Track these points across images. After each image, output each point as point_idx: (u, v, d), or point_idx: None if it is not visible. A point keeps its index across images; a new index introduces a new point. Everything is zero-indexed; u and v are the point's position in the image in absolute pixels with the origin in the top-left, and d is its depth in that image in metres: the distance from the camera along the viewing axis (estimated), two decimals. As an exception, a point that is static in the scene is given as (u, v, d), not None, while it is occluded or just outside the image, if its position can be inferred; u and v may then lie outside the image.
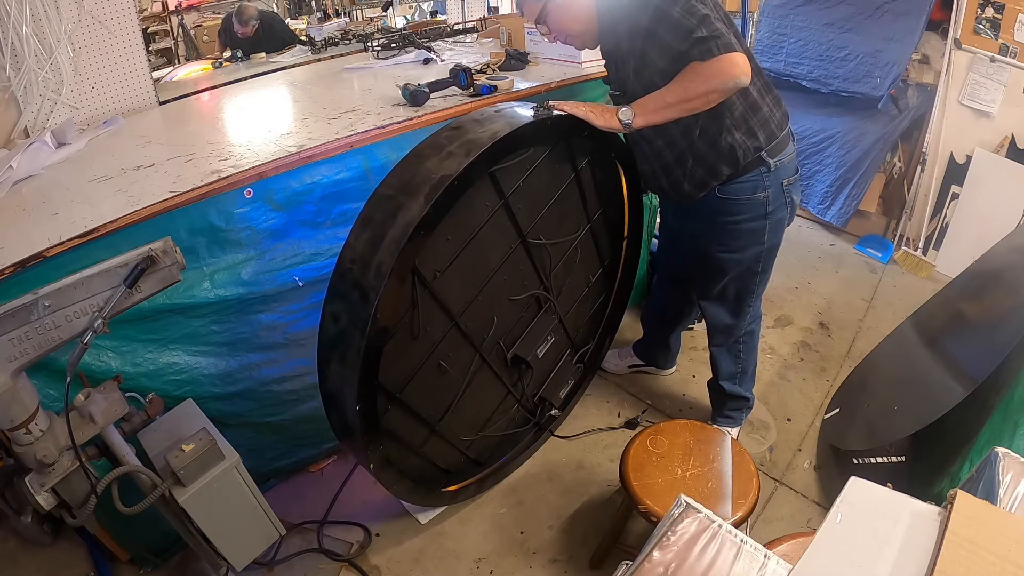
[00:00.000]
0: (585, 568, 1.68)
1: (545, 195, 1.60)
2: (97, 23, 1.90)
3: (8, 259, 1.21)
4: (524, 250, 1.60)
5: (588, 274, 1.94)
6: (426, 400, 1.53)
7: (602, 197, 1.83)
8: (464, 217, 1.37)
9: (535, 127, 1.40)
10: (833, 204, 3.20)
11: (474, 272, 1.48)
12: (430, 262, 1.33)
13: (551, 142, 1.55)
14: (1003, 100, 2.59)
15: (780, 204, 1.56)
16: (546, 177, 1.58)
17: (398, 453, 1.54)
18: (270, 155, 1.54)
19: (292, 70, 2.60)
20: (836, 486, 0.98)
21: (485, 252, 1.49)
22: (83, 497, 1.17)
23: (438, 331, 1.46)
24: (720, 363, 1.92)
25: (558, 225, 1.69)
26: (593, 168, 1.74)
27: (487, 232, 1.45)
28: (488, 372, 1.69)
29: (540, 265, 1.66)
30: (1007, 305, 1.78)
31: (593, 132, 1.49)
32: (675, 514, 0.93)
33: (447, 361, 1.52)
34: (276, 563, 1.69)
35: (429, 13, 3.93)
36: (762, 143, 1.48)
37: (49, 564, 1.69)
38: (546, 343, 1.77)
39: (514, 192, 1.47)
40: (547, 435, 2.05)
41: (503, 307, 1.62)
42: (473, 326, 1.54)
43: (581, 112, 1.48)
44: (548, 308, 1.76)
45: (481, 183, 1.36)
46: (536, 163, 1.52)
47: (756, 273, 1.69)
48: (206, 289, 1.49)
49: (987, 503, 0.77)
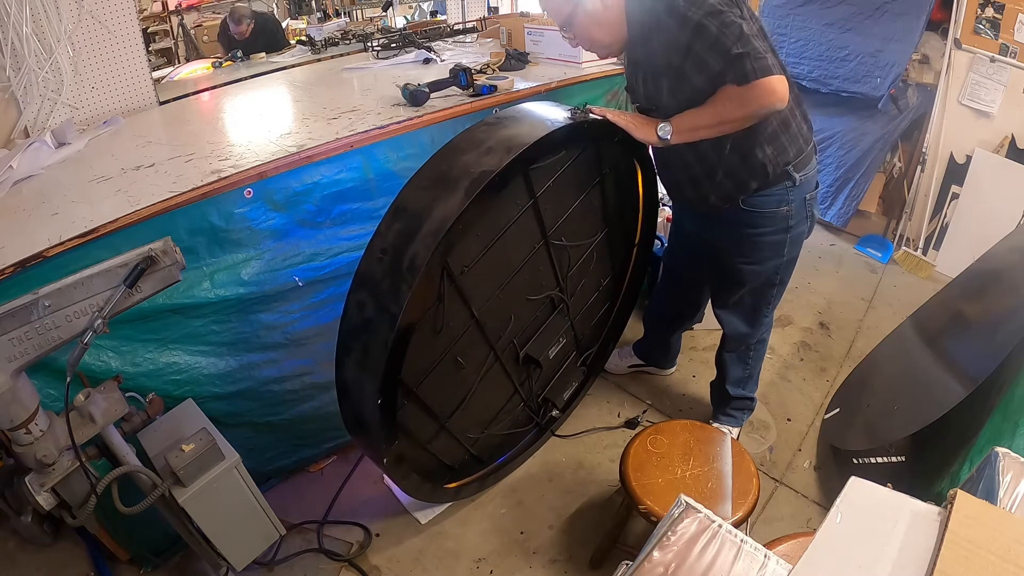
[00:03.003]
0: (585, 568, 1.68)
1: (571, 197, 1.61)
2: (97, 23, 1.90)
3: (8, 259, 1.21)
4: (546, 251, 1.60)
5: (600, 278, 1.94)
6: (440, 396, 1.53)
7: (621, 203, 1.84)
8: (495, 214, 1.36)
9: (572, 129, 1.39)
10: (833, 204, 3.21)
11: (498, 270, 1.48)
12: (459, 257, 1.31)
13: (582, 145, 1.55)
14: (1003, 100, 2.58)
15: (802, 218, 1.56)
16: (573, 180, 1.58)
17: (409, 449, 1.54)
18: (270, 155, 1.54)
19: (292, 70, 2.60)
20: (836, 486, 0.98)
21: (510, 250, 1.48)
22: (83, 497, 1.17)
23: (459, 327, 1.45)
24: (729, 369, 1.92)
25: (579, 228, 1.69)
26: (616, 174, 1.74)
27: (514, 230, 1.45)
28: (499, 370, 1.69)
29: (559, 266, 1.67)
30: (1007, 305, 1.78)
31: (623, 139, 1.47)
32: (675, 514, 0.93)
33: (464, 357, 1.51)
34: (276, 563, 1.69)
35: (429, 13, 3.93)
36: (791, 158, 1.48)
37: (49, 564, 1.69)
38: (558, 344, 1.77)
39: (544, 192, 1.47)
40: (548, 435, 2.05)
41: (521, 306, 1.63)
42: (491, 324, 1.54)
43: (623, 122, 1.46)
44: (561, 310, 1.77)
45: (516, 181, 1.36)
46: (566, 165, 1.52)
47: (774, 285, 1.69)
48: (206, 289, 1.49)
49: (987, 503, 0.77)
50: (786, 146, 1.47)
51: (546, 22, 2.41)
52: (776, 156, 1.46)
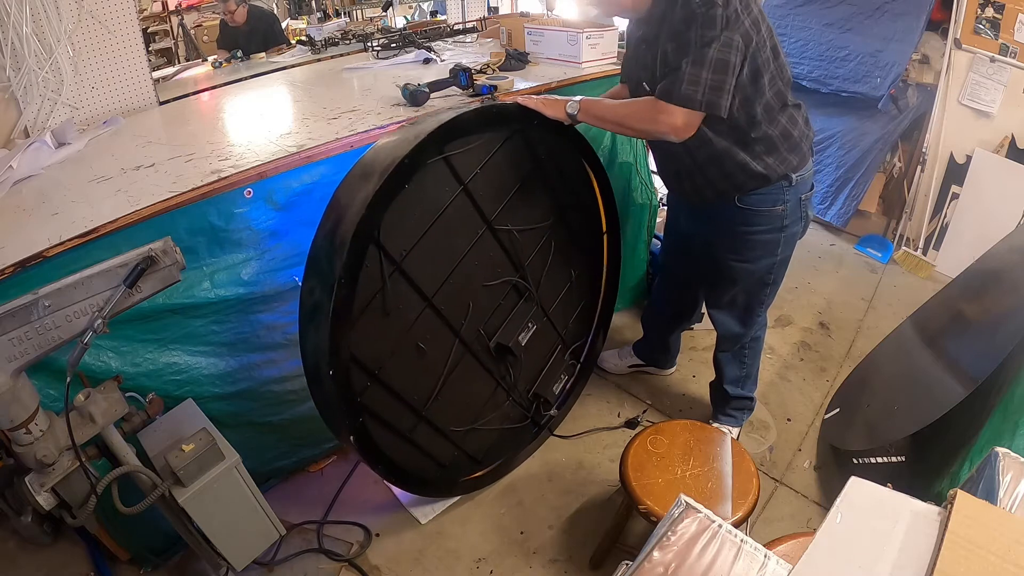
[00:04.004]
0: (585, 568, 1.68)
1: (508, 184, 1.68)
2: (97, 23, 1.90)
3: (8, 259, 1.21)
4: (492, 236, 1.66)
5: (569, 267, 1.97)
6: (408, 382, 1.58)
7: (572, 190, 1.88)
8: (427, 201, 1.48)
9: (479, 114, 1.51)
10: (833, 204, 3.21)
11: (444, 255, 1.56)
12: (397, 241, 1.43)
13: (505, 131, 1.61)
14: (1003, 100, 2.58)
15: (796, 218, 1.58)
16: (506, 166, 1.65)
17: (386, 437, 1.58)
18: (270, 155, 1.54)
19: (292, 70, 2.60)
20: (836, 486, 0.98)
21: (452, 236, 1.57)
22: (83, 497, 1.17)
23: (412, 311, 1.54)
24: (726, 369, 1.93)
25: (526, 214, 1.75)
26: (559, 161, 1.79)
27: (452, 216, 1.54)
28: (473, 361, 1.74)
29: (512, 252, 1.73)
30: (1007, 305, 1.78)
31: (543, 121, 1.57)
32: (675, 514, 0.93)
33: (425, 343, 1.58)
34: (276, 563, 1.69)
35: (429, 13, 3.93)
36: (795, 166, 1.51)
37: (49, 564, 1.69)
38: (527, 330, 1.81)
39: (473, 179, 1.56)
40: (547, 434, 2.05)
41: (478, 293, 1.68)
42: (449, 309, 1.61)
43: (532, 103, 1.54)
44: (528, 297, 1.82)
45: (436, 167, 1.47)
46: (493, 152, 1.60)
47: (767, 284, 1.70)
48: (206, 289, 1.49)
49: (987, 503, 0.77)
50: (786, 156, 1.49)
51: (546, 22, 2.41)
52: (778, 165, 1.49)
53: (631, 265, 2.49)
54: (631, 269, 2.51)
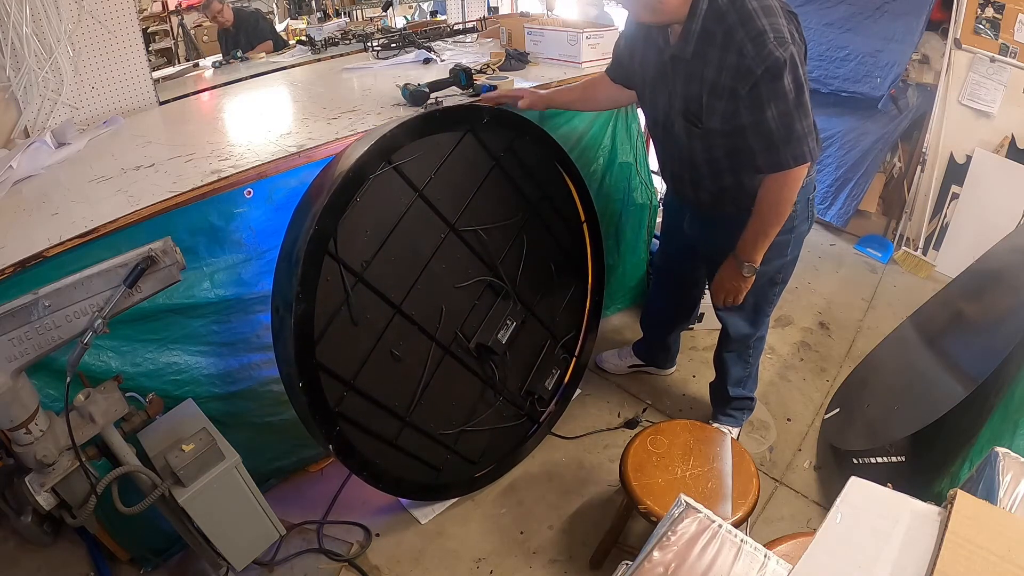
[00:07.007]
0: (585, 568, 1.68)
1: (467, 185, 1.67)
2: (97, 23, 1.90)
3: (8, 259, 1.21)
4: (458, 238, 1.67)
5: (549, 261, 1.94)
6: (388, 389, 1.59)
7: (539, 184, 1.85)
8: (383, 211, 1.50)
9: (424, 119, 1.51)
10: (833, 204, 3.21)
11: (407, 262, 1.58)
12: (356, 253, 1.45)
13: (457, 133, 1.60)
14: (1003, 100, 2.58)
15: (804, 218, 1.59)
16: (463, 168, 1.64)
17: (371, 444, 1.58)
18: (270, 155, 1.54)
19: (292, 70, 2.60)
20: (836, 486, 0.98)
21: (415, 242, 1.58)
22: (83, 497, 1.17)
23: (382, 319, 1.55)
24: (731, 369, 1.92)
25: (493, 212, 1.74)
26: (520, 157, 1.77)
27: (413, 223, 1.55)
28: (454, 363, 1.74)
29: (481, 252, 1.72)
30: (1007, 305, 1.78)
31: (495, 116, 1.61)
32: (675, 514, 0.93)
33: (400, 350, 1.59)
34: (276, 563, 1.69)
35: (429, 13, 3.92)
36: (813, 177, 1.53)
37: (49, 564, 1.69)
38: (506, 328, 1.80)
39: (428, 184, 1.56)
40: (546, 433, 2.05)
41: (451, 296, 1.69)
42: (420, 314, 1.62)
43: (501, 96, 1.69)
44: (505, 295, 1.81)
45: (388, 177, 1.48)
46: (447, 155, 1.60)
47: (776, 284, 1.71)
48: (206, 289, 1.49)
49: (987, 503, 0.77)
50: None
51: (546, 22, 2.41)
52: None
53: (631, 265, 2.49)
54: (631, 269, 2.51)
